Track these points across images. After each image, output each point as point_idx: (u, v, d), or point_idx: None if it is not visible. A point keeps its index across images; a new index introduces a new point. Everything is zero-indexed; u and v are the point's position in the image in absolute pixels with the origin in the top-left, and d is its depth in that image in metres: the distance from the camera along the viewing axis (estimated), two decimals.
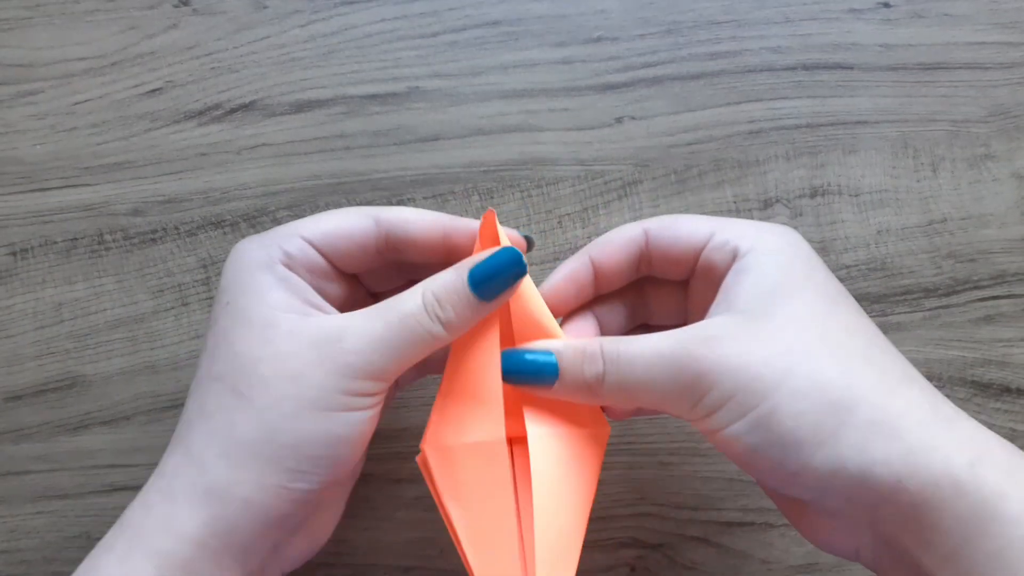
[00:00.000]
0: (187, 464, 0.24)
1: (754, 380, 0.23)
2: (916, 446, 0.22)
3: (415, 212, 0.27)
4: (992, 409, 0.36)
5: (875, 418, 0.22)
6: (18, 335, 0.35)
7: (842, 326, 0.24)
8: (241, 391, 0.24)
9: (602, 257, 0.27)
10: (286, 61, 0.36)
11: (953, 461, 0.22)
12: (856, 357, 0.23)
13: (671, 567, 0.35)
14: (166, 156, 0.36)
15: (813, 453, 0.23)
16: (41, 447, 0.35)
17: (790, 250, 0.25)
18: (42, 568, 0.34)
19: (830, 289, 0.25)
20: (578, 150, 0.36)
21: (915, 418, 0.22)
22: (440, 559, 0.34)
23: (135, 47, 0.36)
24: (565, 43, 0.37)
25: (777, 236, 0.26)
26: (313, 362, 0.23)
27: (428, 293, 0.25)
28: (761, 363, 0.23)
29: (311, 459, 0.24)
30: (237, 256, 0.26)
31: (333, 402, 0.24)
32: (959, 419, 0.23)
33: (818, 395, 0.23)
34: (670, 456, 0.35)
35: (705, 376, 0.23)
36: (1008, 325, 0.36)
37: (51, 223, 0.36)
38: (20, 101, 0.36)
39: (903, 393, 0.23)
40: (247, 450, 0.23)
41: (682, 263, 0.27)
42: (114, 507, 0.34)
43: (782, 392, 0.23)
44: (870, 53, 0.37)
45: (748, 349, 0.23)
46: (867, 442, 0.22)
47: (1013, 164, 0.37)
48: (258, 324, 0.24)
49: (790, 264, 0.25)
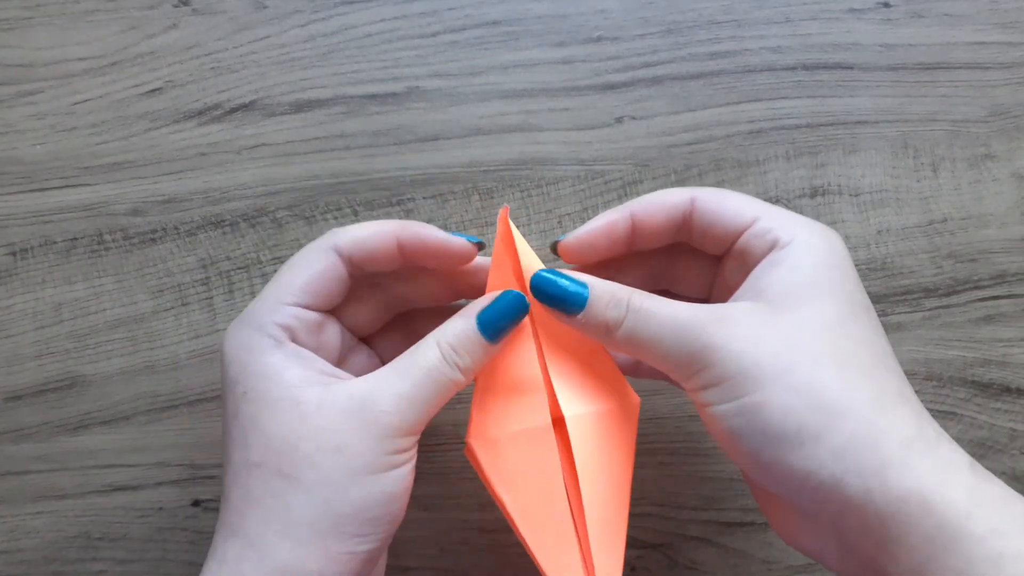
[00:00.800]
0: (249, 549, 0.24)
1: (754, 367, 0.23)
2: (891, 462, 0.22)
3: (363, 228, 0.28)
4: (992, 409, 0.36)
5: (859, 431, 0.23)
6: (18, 335, 0.35)
7: (854, 338, 0.24)
8: (287, 473, 0.24)
9: (645, 216, 0.28)
10: (286, 61, 0.36)
11: (924, 480, 0.22)
12: (858, 369, 0.24)
13: (671, 567, 0.35)
14: (166, 156, 0.36)
15: (791, 451, 0.23)
16: (41, 447, 0.35)
17: (828, 252, 0.25)
18: (42, 568, 0.34)
19: (855, 300, 0.25)
20: (578, 150, 0.36)
21: (897, 437, 0.23)
22: (440, 558, 0.34)
23: (135, 47, 0.36)
24: (565, 43, 0.37)
25: (819, 236, 0.26)
26: (353, 431, 0.24)
27: (444, 344, 0.26)
28: (765, 354, 0.24)
29: (370, 521, 0.24)
30: (236, 345, 0.26)
31: (380, 464, 0.24)
32: (940, 442, 0.23)
33: (811, 396, 0.23)
34: (670, 456, 0.35)
35: (709, 351, 0.24)
36: (1008, 325, 0.36)
37: (51, 223, 0.36)
38: (20, 101, 0.36)
39: (893, 411, 0.23)
40: (308, 528, 0.24)
41: (722, 240, 0.27)
42: (114, 507, 0.34)
43: (777, 385, 0.23)
44: (870, 53, 0.37)
45: (758, 336, 0.24)
46: (845, 451, 0.23)
47: (1013, 164, 0.37)
48: (285, 405, 0.24)
49: (823, 266, 0.25)
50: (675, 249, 0.30)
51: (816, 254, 0.25)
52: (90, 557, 0.34)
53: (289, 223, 0.36)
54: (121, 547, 0.34)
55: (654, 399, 0.35)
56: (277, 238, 0.36)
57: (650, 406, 0.35)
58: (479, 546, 0.34)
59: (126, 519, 0.34)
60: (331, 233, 0.27)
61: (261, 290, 0.27)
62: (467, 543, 0.34)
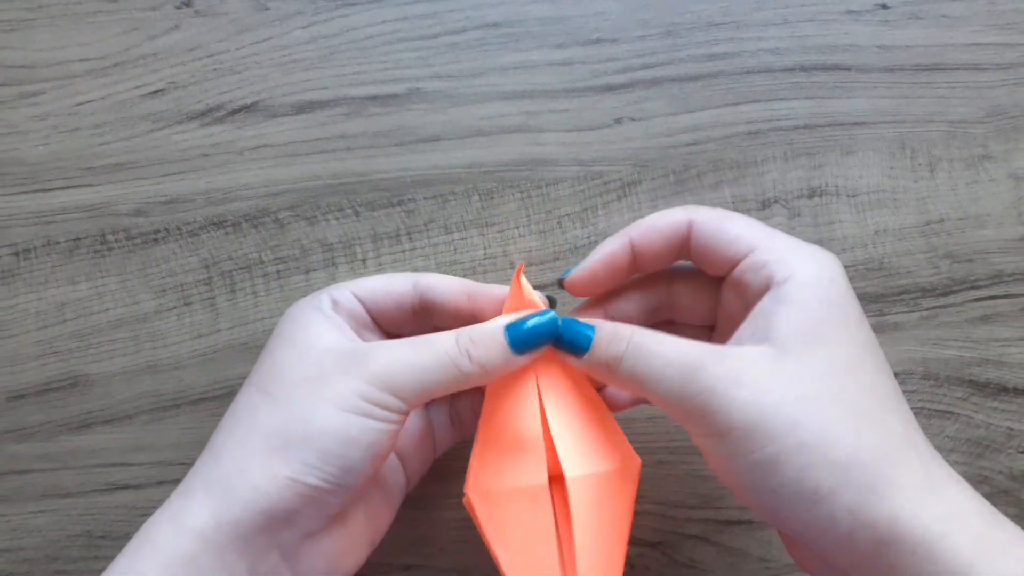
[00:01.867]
0: (207, 458, 0.26)
1: (762, 420, 0.23)
2: (901, 514, 0.23)
3: (442, 278, 0.29)
4: (989, 408, 0.36)
5: (870, 483, 0.23)
6: (21, 335, 0.35)
7: (860, 383, 0.24)
8: (268, 391, 0.26)
9: (643, 243, 0.28)
10: (288, 62, 0.37)
11: (930, 529, 0.22)
12: (866, 418, 0.24)
13: (670, 565, 0.35)
14: (168, 157, 0.36)
15: (808, 509, 0.23)
16: (44, 446, 0.35)
17: (829, 286, 0.25)
18: (44, 567, 0.34)
19: (859, 339, 0.25)
20: (577, 151, 0.37)
21: (907, 484, 0.23)
22: (440, 557, 0.34)
23: (137, 48, 0.37)
24: (564, 45, 0.37)
25: (819, 266, 0.25)
26: (338, 369, 0.25)
27: (463, 333, 0.26)
28: (773, 405, 0.23)
29: (320, 453, 0.24)
30: (294, 306, 0.29)
31: (350, 404, 0.25)
32: (947, 484, 0.24)
33: (824, 452, 0.23)
34: (669, 455, 0.35)
35: (711, 395, 0.24)
36: (1005, 325, 0.36)
37: (54, 223, 0.36)
38: (23, 102, 0.36)
39: (900, 458, 0.24)
40: (261, 440, 0.25)
41: (720, 266, 0.27)
42: (116, 506, 0.34)
43: (788, 442, 0.23)
44: (868, 54, 0.37)
45: (764, 385, 0.24)
46: (859, 505, 0.23)
47: (1010, 165, 0.37)
48: (300, 344, 0.27)
49: (826, 305, 0.25)
50: (674, 278, 0.30)
51: (818, 292, 0.25)
52: (92, 556, 0.34)
53: (291, 223, 0.36)
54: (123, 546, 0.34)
55: None
56: (279, 238, 0.36)
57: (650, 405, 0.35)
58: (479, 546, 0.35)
59: (128, 518, 0.34)
60: (419, 274, 0.30)
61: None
62: (467, 543, 0.35)
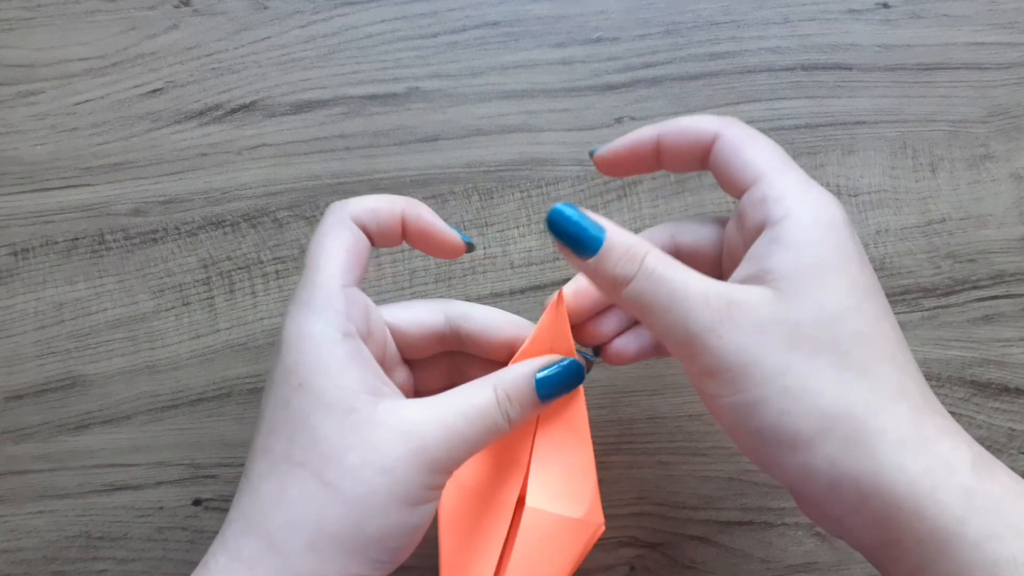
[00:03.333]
0: (270, 554, 0.23)
1: (751, 364, 0.23)
2: (885, 466, 0.22)
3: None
4: (991, 408, 0.36)
5: (853, 434, 0.23)
6: (19, 335, 0.35)
7: (854, 330, 0.24)
8: (329, 480, 0.23)
9: (669, 141, 0.28)
10: (286, 62, 0.36)
11: (918, 483, 0.22)
12: (855, 366, 0.23)
13: (671, 566, 0.35)
14: (167, 156, 0.36)
15: (787, 455, 0.23)
16: (42, 447, 0.35)
17: (827, 230, 0.24)
18: (43, 567, 0.34)
19: (858, 284, 0.24)
20: (578, 150, 0.36)
21: (893, 437, 0.23)
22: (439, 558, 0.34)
23: (136, 47, 0.36)
24: (565, 44, 0.37)
25: (817, 208, 0.25)
26: (403, 457, 0.24)
27: (501, 392, 0.26)
28: (763, 352, 0.23)
29: (391, 550, 0.24)
30: (297, 332, 0.25)
31: (417, 496, 0.24)
32: (941, 439, 0.23)
33: (807, 400, 0.23)
34: (670, 456, 0.35)
35: (710, 335, 0.23)
36: (1007, 325, 0.36)
37: (52, 223, 0.36)
38: (21, 101, 0.36)
39: (889, 411, 0.23)
40: (335, 543, 0.23)
41: (730, 188, 0.27)
42: (115, 506, 0.34)
43: (773, 386, 0.23)
44: (869, 54, 0.37)
45: (760, 330, 0.23)
46: (839, 457, 0.22)
47: (1012, 164, 0.37)
48: (338, 409, 0.24)
49: (823, 248, 0.24)
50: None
51: (814, 233, 0.24)
52: (91, 556, 0.34)
53: (290, 223, 0.36)
54: (122, 546, 0.34)
55: (654, 399, 0.35)
56: (278, 238, 0.36)
57: (650, 406, 0.35)
58: None
59: (127, 518, 0.34)
60: (340, 205, 0.26)
61: (304, 270, 0.26)
62: None
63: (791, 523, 0.35)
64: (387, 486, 0.23)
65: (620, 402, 0.35)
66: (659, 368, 0.35)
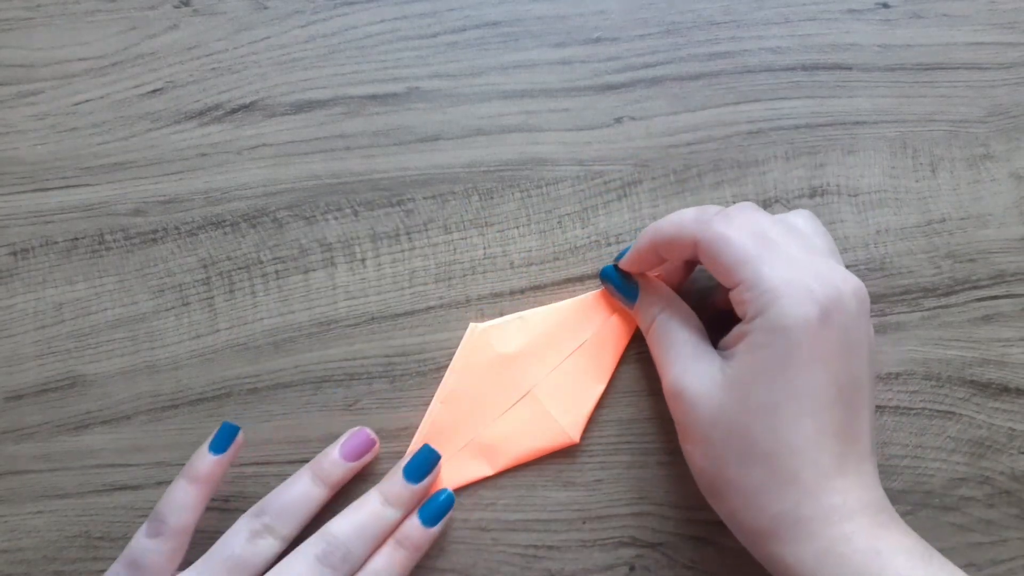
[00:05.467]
0: None
1: (704, 429, 0.29)
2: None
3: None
4: (991, 408, 0.36)
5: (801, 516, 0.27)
6: (19, 335, 0.35)
7: (787, 422, 0.27)
8: None
9: (664, 252, 0.31)
10: (286, 61, 0.36)
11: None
12: (757, 457, 0.28)
13: (670, 566, 0.35)
14: (167, 156, 0.36)
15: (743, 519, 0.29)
16: (42, 446, 0.35)
17: (788, 333, 0.27)
18: (43, 567, 0.34)
19: (793, 386, 0.27)
20: (578, 150, 0.36)
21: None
22: (441, 558, 0.34)
23: (136, 47, 0.36)
24: (565, 44, 0.37)
25: (786, 311, 0.27)
26: None
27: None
28: (698, 419, 0.29)
29: None
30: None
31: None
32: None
33: (733, 449, 0.28)
34: (669, 456, 0.35)
35: (681, 398, 0.30)
36: (1007, 325, 0.36)
37: (52, 223, 0.36)
38: (21, 101, 0.36)
39: (779, 495, 0.27)
40: None
41: (723, 283, 0.30)
42: (115, 506, 0.34)
43: (707, 452, 0.29)
44: (869, 53, 0.37)
45: (699, 400, 0.29)
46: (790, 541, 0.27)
47: (1012, 164, 0.37)
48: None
49: (770, 351, 0.27)
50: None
51: (768, 337, 0.27)
52: (91, 556, 0.34)
53: (290, 223, 0.36)
54: (122, 546, 0.34)
55: (654, 399, 0.35)
56: (278, 238, 0.36)
57: (650, 406, 0.35)
58: (479, 546, 0.34)
59: (127, 519, 0.34)
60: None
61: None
62: (467, 543, 0.35)
63: None
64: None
65: (620, 402, 0.35)
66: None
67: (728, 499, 0.29)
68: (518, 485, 0.35)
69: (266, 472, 0.34)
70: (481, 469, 0.34)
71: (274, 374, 0.35)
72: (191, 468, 0.31)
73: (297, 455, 0.34)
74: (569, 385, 0.34)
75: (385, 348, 0.35)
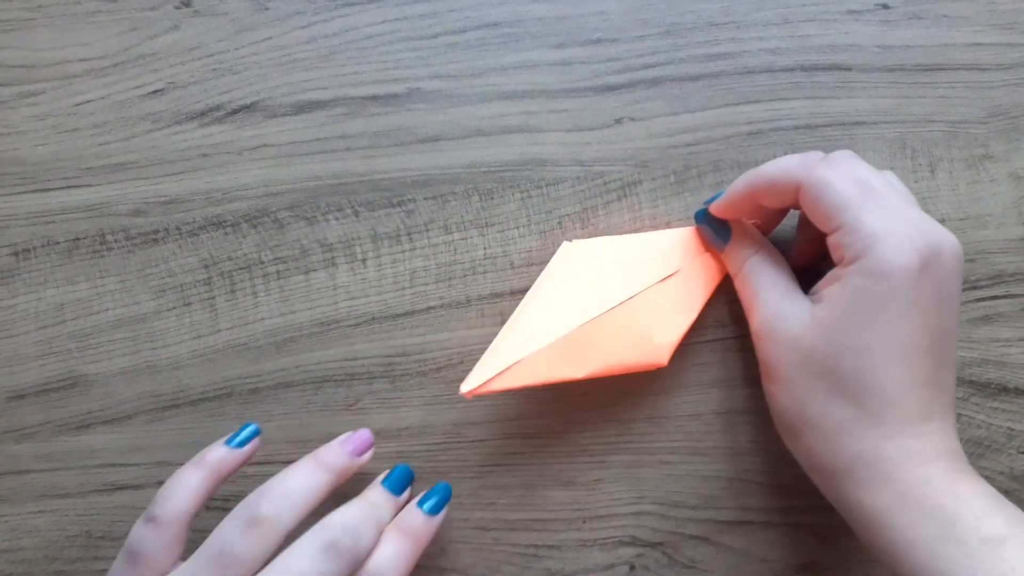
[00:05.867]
0: None
1: (778, 367, 0.30)
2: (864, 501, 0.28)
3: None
4: (990, 408, 0.36)
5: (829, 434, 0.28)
6: (20, 335, 0.35)
7: (854, 367, 0.28)
8: None
9: (762, 197, 0.31)
10: (287, 62, 0.37)
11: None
12: (847, 395, 0.28)
13: (671, 566, 0.35)
14: (168, 157, 0.36)
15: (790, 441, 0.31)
16: (43, 446, 0.35)
17: (882, 280, 0.27)
18: (43, 567, 0.34)
19: (886, 334, 0.27)
20: (578, 151, 0.37)
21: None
22: (441, 557, 0.34)
23: (136, 48, 0.37)
24: (565, 44, 0.37)
25: (887, 256, 0.27)
26: None
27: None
28: (785, 360, 0.30)
29: None
30: None
31: None
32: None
33: (795, 410, 0.29)
34: (670, 455, 0.35)
35: (762, 331, 0.31)
36: (1006, 325, 0.36)
37: (53, 223, 0.36)
38: (22, 102, 0.36)
39: (859, 433, 0.28)
40: None
41: (821, 228, 0.30)
42: (115, 506, 0.34)
43: (794, 391, 0.29)
44: (868, 54, 0.37)
45: (785, 342, 0.30)
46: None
47: (1011, 164, 0.37)
48: None
49: (868, 295, 0.27)
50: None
51: (867, 280, 0.27)
52: (91, 556, 0.34)
53: (291, 224, 0.36)
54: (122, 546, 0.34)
55: (654, 399, 0.35)
56: (278, 238, 0.36)
57: (650, 406, 0.35)
58: (479, 545, 0.35)
59: (128, 518, 0.34)
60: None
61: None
62: (467, 542, 0.35)
63: (791, 523, 0.35)
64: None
65: (620, 402, 0.35)
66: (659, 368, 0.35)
67: (806, 438, 0.29)
68: (518, 485, 0.35)
69: (267, 472, 0.34)
70: (568, 371, 0.32)
71: (275, 374, 0.35)
72: (199, 455, 0.30)
73: (298, 455, 0.34)
74: (660, 308, 0.34)
75: (386, 348, 0.35)
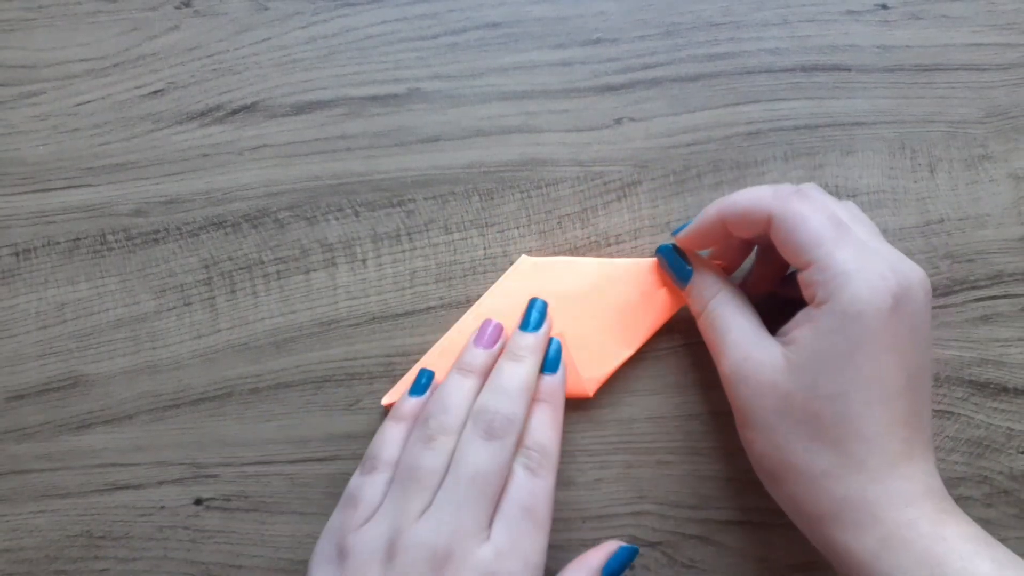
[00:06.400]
0: None
1: (751, 413, 0.29)
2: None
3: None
4: (989, 408, 0.36)
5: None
6: (21, 335, 0.35)
7: (836, 411, 0.27)
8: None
9: (732, 225, 0.31)
10: (287, 62, 0.37)
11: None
12: (827, 440, 0.28)
13: (670, 565, 0.35)
14: (168, 157, 0.36)
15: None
16: (43, 446, 0.35)
17: (855, 321, 0.27)
18: (44, 567, 0.34)
19: (863, 374, 0.27)
20: (577, 151, 0.37)
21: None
22: None
23: (137, 48, 0.37)
24: (564, 45, 0.37)
25: (860, 295, 0.27)
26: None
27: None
28: (760, 405, 0.29)
29: None
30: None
31: None
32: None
33: (775, 455, 0.29)
34: (669, 455, 0.35)
35: (730, 376, 0.30)
36: (1005, 325, 0.36)
37: (54, 223, 0.36)
38: (23, 102, 0.36)
39: (843, 477, 0.28)
40: None
41: (794, 263, 0.30)
42: (116, 506, 0.34)
43: (768, 439, 0.29)
44: (868, 55, 0.37)
45: (759, 387, 0.29)
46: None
47: (1010, 165, 0.37)
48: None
49: (842, 336, 0.27)
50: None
51: (840, 322, 0.27)
52: (92, 556, 0.34)
53: (291, 224, 0.36)
54: (123, 546, 0.34)
55: (654, 399, 0.35)
56: (279, 239, 0.36)
57: (650, 406, 0.35)
58: None
59: (128, 518, 0.34)
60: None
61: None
62: None
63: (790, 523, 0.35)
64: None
65: (620, 402, 0.35)
66: (659, 368, 0.35)
67: (789, 484, 0.29)
68: None
69: (267, 472, 0.34)
70: None
71: (275, 374, 0.35)
72: (395, 409, 0.33)
73: (298, 454, 0.35)
74: (599, 340, 0.34)
75: (386, 348, 0.35)
